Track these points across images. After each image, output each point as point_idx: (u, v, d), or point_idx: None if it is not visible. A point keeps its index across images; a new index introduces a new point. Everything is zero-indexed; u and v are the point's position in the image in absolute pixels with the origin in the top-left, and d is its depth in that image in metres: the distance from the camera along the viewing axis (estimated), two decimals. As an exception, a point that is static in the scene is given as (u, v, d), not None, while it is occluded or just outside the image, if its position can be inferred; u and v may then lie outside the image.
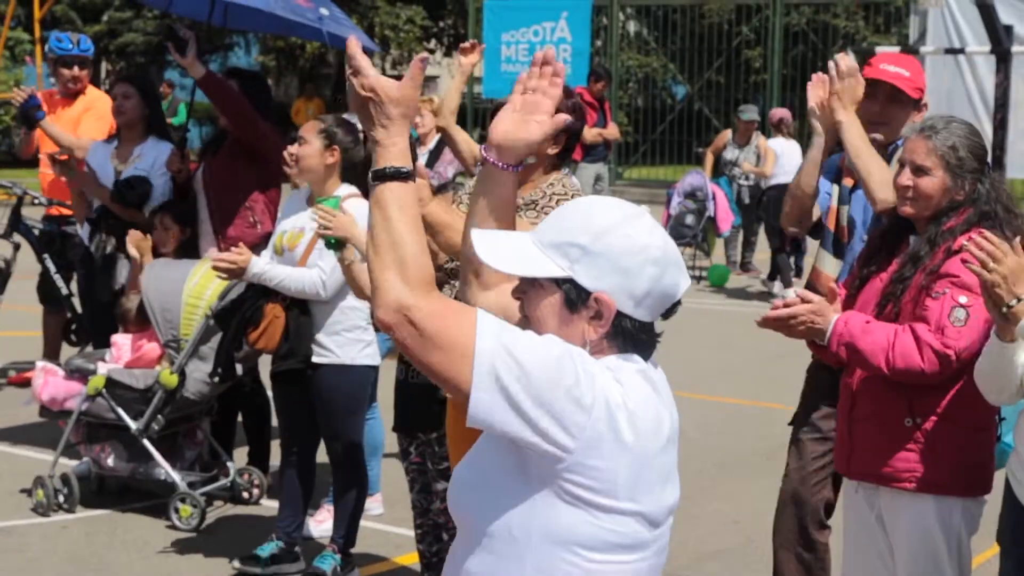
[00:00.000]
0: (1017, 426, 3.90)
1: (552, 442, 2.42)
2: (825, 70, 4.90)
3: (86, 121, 8.94)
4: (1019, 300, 3.56)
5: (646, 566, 2.56)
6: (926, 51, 18.68)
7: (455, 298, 2.72)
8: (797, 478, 5.05)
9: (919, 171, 4.16)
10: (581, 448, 2.43)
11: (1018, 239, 3.70)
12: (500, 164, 2.83)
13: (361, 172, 6.03)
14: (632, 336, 2.56)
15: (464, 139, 7.11)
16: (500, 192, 2.84)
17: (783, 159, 14.97)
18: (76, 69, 9.16)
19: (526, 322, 2.58)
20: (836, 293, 4.23)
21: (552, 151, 4.84)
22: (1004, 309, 3.59)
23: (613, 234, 2.54)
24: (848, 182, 5.10)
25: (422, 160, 10.04)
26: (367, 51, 8.51)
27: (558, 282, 2.54)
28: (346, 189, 5.94)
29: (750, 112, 15.61)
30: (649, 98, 31.56)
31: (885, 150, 4.94)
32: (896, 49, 20.14)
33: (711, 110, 26.70)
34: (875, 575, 4.28)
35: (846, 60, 4.83)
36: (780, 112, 16.07)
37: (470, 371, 2.38)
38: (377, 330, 5.95)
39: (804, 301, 4.15)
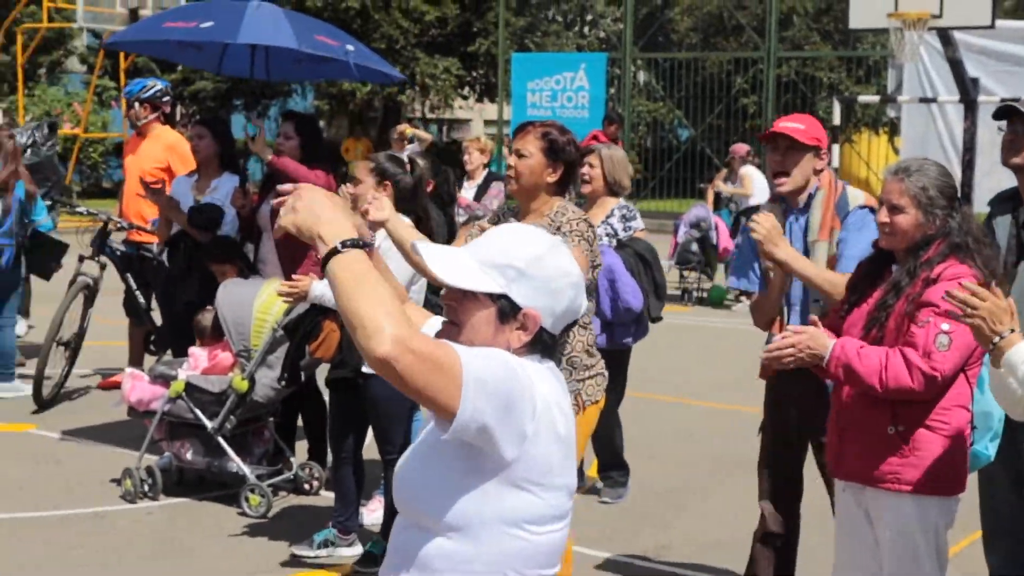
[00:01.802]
0: None
1: (512, 440, 2.50)
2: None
3: (172, 161, 9.12)
4: (1001, 337, 3.56)
5: (567, 531, 2.69)
6: (903, 100, 18.69)
7: None
8: (760, 464, 5.26)
9: (894, 209, 4.16)
10: (530, 443, 2.53)
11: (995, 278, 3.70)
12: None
13: (410, 198, 6.04)
14: (546, 345, 2.66)
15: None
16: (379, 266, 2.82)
17: (756, 181, 15.35)
18: (137, 108, 9.37)
19: (453, 327, 2.64)
20: (816, 323, 4.25)
21: (551, 179, 4.84)
22: (990, 346, 3.58)
23: (545, 260, 2.63)
24: None
25: (471, 194, 10.10)
26: (393, 79, 8.55)
27: (493, 297, 2.60)
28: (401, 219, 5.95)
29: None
30: (657, 140, 31.60)
31: (796, 197, 4.98)
32: (876, 98, 20.20)
33: (712, 150, 26.69)
34: (864, 566, 4.28)
35: (760, 220, 4.73)
36: (741, 148, 16.14)
37: (458, 387, 2.43)
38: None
39: (796, 334, 4.18)
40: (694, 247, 15.03)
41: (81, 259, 9.28)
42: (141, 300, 9.18)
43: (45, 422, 8.69)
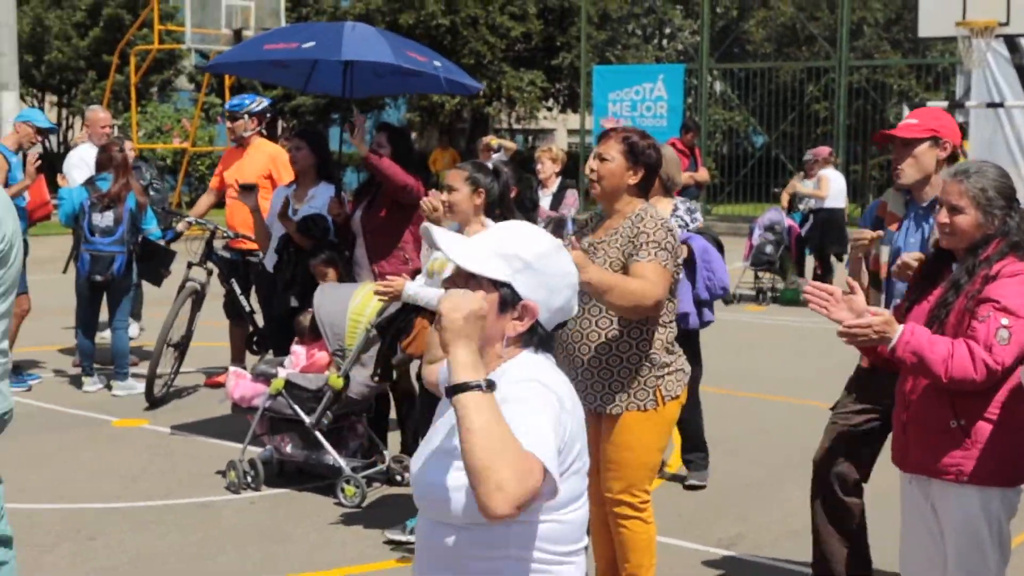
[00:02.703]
0: None
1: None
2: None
3: (275, 170, 9.23)
4: None
5: (587, 506, 2.67)
6: (970, 105, 18.40)
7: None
8: (820, 453, 5.21)
9: (954, 210, 4.10)
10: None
11: None
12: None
13: (499, 204, 6.07)
14: (541, 339, 2.65)
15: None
16: None
17: (833, 184, 15.23)
18: (246, 119, 9.49)
19: None
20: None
21: (632, 181, 4.83)
22: None
23: (550, 257, 2.64)
24: (892, 228, 5.02)
25: (546, 203, 10.13)
26: (471, 90, 8.63)
27: (497, 284, 2.59)
28: (489, 224, 5.99)
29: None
30: (733, 146, 31.37)
31: (919, 191, 4.84)
32: (944, 104, 19.89)
33: (786, 156, 26.45)
34: (928, 556, 4.22)
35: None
36: (824, 150, 16.00)
37: (554, 488, 2.45)
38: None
39: (874, 315, 4.11)
40: (768, 249, 14.94)
41: (189, 266, 9.43)
42: (245, 304, 9.30)
43: (156, 418, 8.86)
